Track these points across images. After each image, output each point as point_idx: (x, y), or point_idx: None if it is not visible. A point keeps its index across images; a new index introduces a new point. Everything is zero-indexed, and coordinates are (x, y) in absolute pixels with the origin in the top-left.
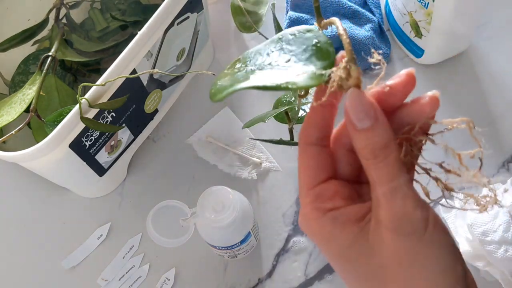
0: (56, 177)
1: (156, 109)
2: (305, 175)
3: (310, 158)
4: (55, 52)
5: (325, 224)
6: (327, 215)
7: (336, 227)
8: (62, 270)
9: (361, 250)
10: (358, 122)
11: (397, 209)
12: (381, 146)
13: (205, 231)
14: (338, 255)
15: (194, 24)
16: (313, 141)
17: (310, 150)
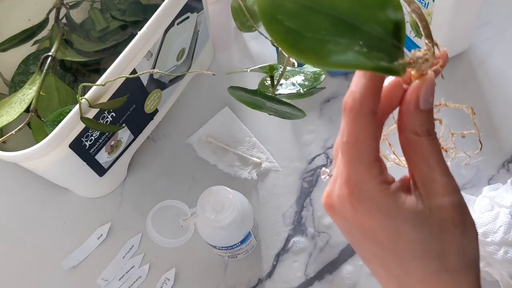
0: (56, 177)
1: (156, 109)
2: (371, 146)
3: (377, 130)
4: (55, 52)
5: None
6: (393, 187)
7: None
8: (62, 270)
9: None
10: (424, 104)
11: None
12: (433, 126)
13: (205, 231)
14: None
15: (194, 24)
16: (375, 111)
17: (375, 119)
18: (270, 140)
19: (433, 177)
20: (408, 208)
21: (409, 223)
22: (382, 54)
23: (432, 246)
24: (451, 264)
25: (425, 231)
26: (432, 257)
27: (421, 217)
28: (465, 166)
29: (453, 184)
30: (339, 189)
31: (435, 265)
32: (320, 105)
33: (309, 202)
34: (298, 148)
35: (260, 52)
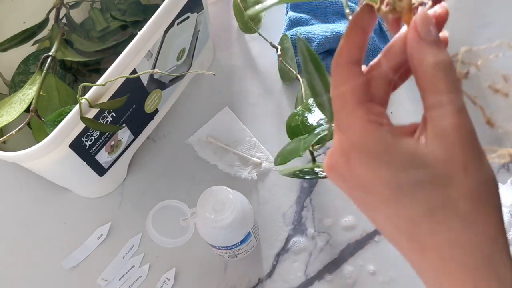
0: (56, 177)
1: (156, 109)
2: (352, 91)
3: (356, 76)
4: (55, 52)
5: (386, 136)
6: (385, 128)
7: (396, 138)
8: (62, 270)
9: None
10: (427, 35)
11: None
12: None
13: (205, 231)
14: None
15: (194, 24)
16: (356, 61)
17: (355, 69)
18: (270, 140)
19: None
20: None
21: (407, 164)
22: None
23: (436, 191)
24: (463, 212)
25: (426, 175)
26: (437, 205)
27: (420, 159)
28: None
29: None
30: (332, 146)
31: (442, 213)
32: None
33: (309, 202)
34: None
35: (261, 52)
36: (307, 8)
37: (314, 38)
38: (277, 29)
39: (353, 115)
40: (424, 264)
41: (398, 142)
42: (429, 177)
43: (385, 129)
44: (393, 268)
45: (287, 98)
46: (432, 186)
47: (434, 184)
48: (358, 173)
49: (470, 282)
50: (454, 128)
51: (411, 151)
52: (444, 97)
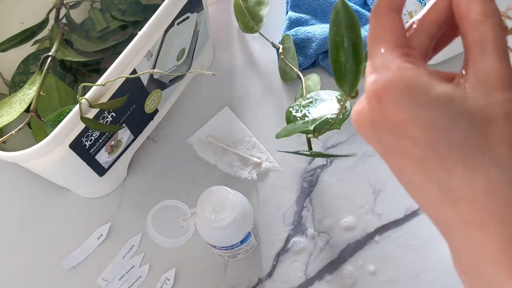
0: (56, 177)
1: (156, 109)
2: (391, 34)
3: (396, 22)
4: (55, 52)
5: (423, 76)
6: (421, 68)
7: (434, 80)
8: (62, 270)
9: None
10: None
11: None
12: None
13: (205, 231)
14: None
15: (194, 24)
16: (396, 9)
17: (396, 16)
18: (270, 140)
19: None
20: (444, 88)
21: (445, 105)
22: None
23: (474, 135)
24: (500, 158)
25: (465, 118)
26: (474, 149)
27: (459, 100)
28: None
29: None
30: (366, 90)
31: (479, 159)
32: None
33: (309, 202)
34: (298, 148)
35: (261, 52)
36: (307, 8)
37: (314, 38)
38: (277, 29)
39: (391, 54)
40: (454, 216)
41: (436, 83)
42: (467, 120)
43: (423, 70)
44: (393, 268)
45: (288, 98)
46: (470, 129)
47: (472, 127)
48: (390, 113)
49: (505, 236)
50: (496, 73)
51: (449, 93)
52: (489, 43)
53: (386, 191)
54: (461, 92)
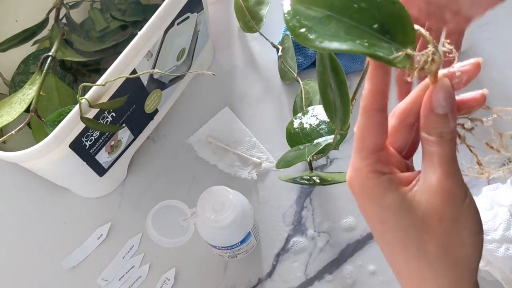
0: (56, 177)
1: (156, 109)
2: (370, 140)
3: (376, 124)
4: (55, 52)
5: (382, 184)
6: (384, 177)
7: (391, 186)
8: (62, 270)
9: (408, 207)
10: (438, 108)
11: (450, 180)
12: (449, 130)
13: (205, 231)
14: (388, 210)
15: (194, 24)
16: (379, 108)
17: (378, 116)
18: (270, 140)
19: (431, 175)
20: (394, 197)
21: (392, 210)
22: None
23: (412, 233)
24: (431, 254)
25: (406, 220)
26: (411, 243)
27: (404, 207)
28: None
29: (451, 186)
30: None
31: (414, 250)
32: None
33: (309, 202)
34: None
35: (261, 52)
36: None
37: None
38: (277, 29)
39: (363, 161)
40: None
41: (392, 190)
42: (409, 220)
43: (385, 178)
44: None
45: (287, 98)
46: (411, 228)
47: (412, 226)
48: (358, 201)
49: None
50: (439, 183)
51: (401, 197)
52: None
53: None
54: (410, 196)
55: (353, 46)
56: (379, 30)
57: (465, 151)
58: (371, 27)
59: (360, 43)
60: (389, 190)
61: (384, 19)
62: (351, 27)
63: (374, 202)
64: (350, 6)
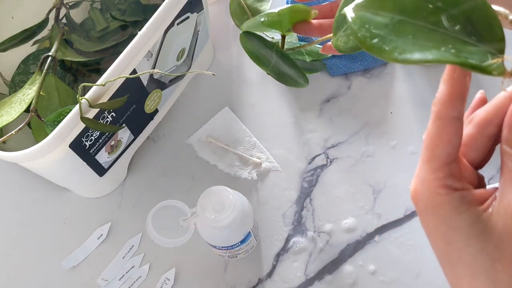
0: (56, 177)
1: (156, 109)
2: (443, 149)
3: (452, 132)
4: (55, 52)
5: (453, 201)
6: (456, 193)
7: (462, 205)
8: (62, 270)
9: (482, 229)
10: None
11: None
12: None
13: (205, 231)
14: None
15: (194, 24)
16: (456, 115)
17: (454, 124)
18: (270, 140)
19: (511, 195)
20: (465, 218)
21: (462, 232)
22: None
23: (483, 259)
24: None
25: (478, 244)
26: (480, 271)
27: (476, 229)
28: None
29: None
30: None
31: (483, 278)
32: (320, 105)
33: (309, 202)
34: (298, 148)
35: None
36: None
37: None
38: None
39: (434, 174)
40: None
41: (464, 210)
42: (480, 244)
43: (457, 195)
44: (393, 268)
45: (287, 98)
46: (481, 253)
47: (483, 251)
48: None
49: None
50: None
51: (473, 219)
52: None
53: (386, 191)
54: (485, 217)
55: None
56: (462, 32)
57: None
58: (453, 29)
59: (445, 50)
60: (460, 210)
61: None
62: (430, 32)
63: (441, 221)
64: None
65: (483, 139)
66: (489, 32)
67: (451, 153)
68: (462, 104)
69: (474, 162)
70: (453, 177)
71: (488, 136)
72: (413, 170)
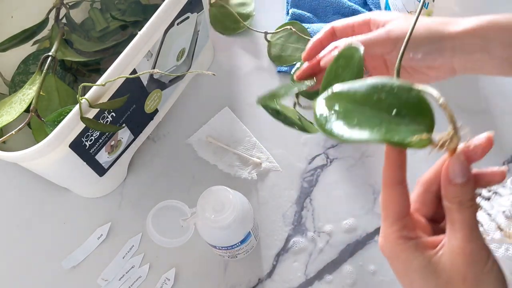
0: (56, 177)
1: (156, 109)
2: (393, 209)
3: (397, 195)
4: (55, 52)
5: (409, 249)
6: (411, 242)
7: (417, 251)
8: (62, 270)
9: (434, 269)
10: (454, 178)
11: (472, 244)
12: (468, 198)
13: (205, 231)
14: (415, 272)
15: (194, 24)
16: (398, 181)
17: (398, 189)
18: (270, 140)
19: (454, 240)
20: (420, 261)
21: (419, 273)
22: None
23: None
24: None
25: (432, 282)
26: None
27: (429, 270)
28: None
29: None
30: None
31: None
32: None
33: (309, 202)
34: (298, 148)
35: (260, 52)
36: (308, 7)
37: (313, 33)
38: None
39: (391, 228)
40: None
41: (419, 254)
42: (435, 281)
43: (411, 243)
44: None
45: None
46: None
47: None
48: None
49: None
50: (461, 250)
51: (426, 261)
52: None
53: None
54: (436, 259)
55: (371, 136)
56: (398, 115)
57: None
58: (391, 114)
59: (377, 130)
60: (415, 255)
61: (401, 105)
62: (371, 117)
63: (403, 265)
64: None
65: (430, 196)
66: (420, 114)
67: (401, 211)
68: (401, 172)
69: (428, 215)
70: (407, 228)
71: (433, 193)
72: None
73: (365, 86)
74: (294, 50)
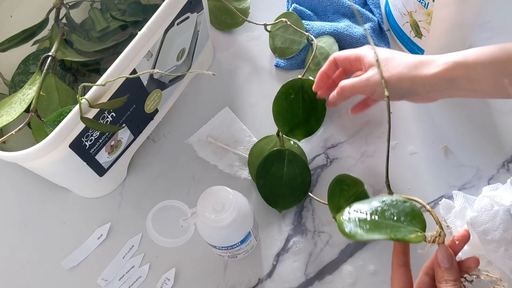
0: (56, 177)
1: (156, 109)
2: (398, 285)
3: (402, 274)
4: (55, 52)
5: None
6: None
7: None
8: (62, 270)
9: None
10: (442, 263)
11: None
12: (453, 279)
13: (205, 231)
14: None
15: (194, 24)
16: (402, 263)
17: (402, 270)
18: None
19: None
20: None
21: None
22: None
23: None
24: None
25: None
26: None
27: None
28: (465, 166)
29: None
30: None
31: None
32: None
33: (309, 202)
34: None
35: (260, 52)
36: (309, 7)
37: (312, 31)
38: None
39: None
40: None
41: None
42: None
43: None
44: None
45: None
46: None
47: None
48: None
49: None
50: None
51: None
52: None
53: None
54: None
55: (381, 236)
56: (398, 221)
57: None
58: (393, 220)
59: (385, 232)
60: None
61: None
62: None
63: None
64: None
65: (428, 278)
66: (415, 220)
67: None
68: (405, 257)
69: None
70: None
71: (430, 276)
72: (412, 170)
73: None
74: (291, 43)
